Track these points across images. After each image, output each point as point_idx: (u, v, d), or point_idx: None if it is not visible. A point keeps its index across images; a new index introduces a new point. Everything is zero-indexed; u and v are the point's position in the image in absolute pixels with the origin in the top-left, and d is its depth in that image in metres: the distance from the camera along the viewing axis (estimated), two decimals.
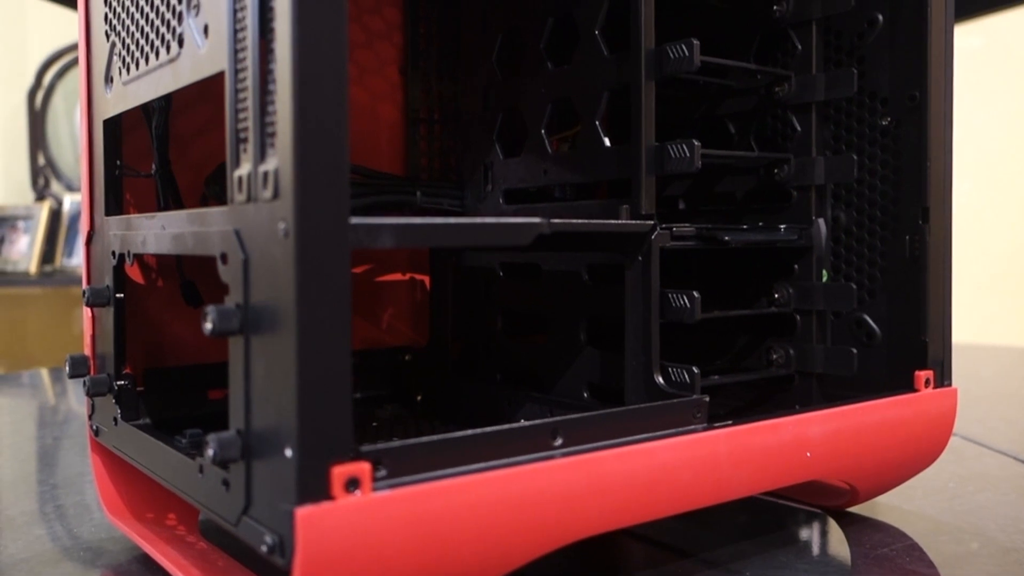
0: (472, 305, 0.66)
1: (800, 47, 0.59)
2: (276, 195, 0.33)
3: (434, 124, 0.69)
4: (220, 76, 0.38)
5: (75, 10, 0.58)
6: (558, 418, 0.41)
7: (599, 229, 0.47)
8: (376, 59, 0.68)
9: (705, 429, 0.45)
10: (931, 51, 0.55)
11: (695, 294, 0.49)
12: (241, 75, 0.36)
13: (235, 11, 0.36)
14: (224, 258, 0.37)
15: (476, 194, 0.64)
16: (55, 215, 2.35)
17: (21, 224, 2.30)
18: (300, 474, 0.33)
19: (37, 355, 2.40)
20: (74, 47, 2.31)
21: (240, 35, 0.36)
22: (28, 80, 2.46)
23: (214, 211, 0.39)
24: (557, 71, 0.57)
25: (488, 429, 0.39)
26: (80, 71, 0.55)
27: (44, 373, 1.27)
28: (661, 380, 0.49)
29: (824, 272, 0.60)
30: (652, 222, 0.49)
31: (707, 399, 0.47)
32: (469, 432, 0.38)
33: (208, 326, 0.35)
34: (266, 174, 0.34)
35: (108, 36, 0.51)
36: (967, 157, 1.79)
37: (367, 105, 0.67)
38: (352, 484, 0.34)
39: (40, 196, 2.43)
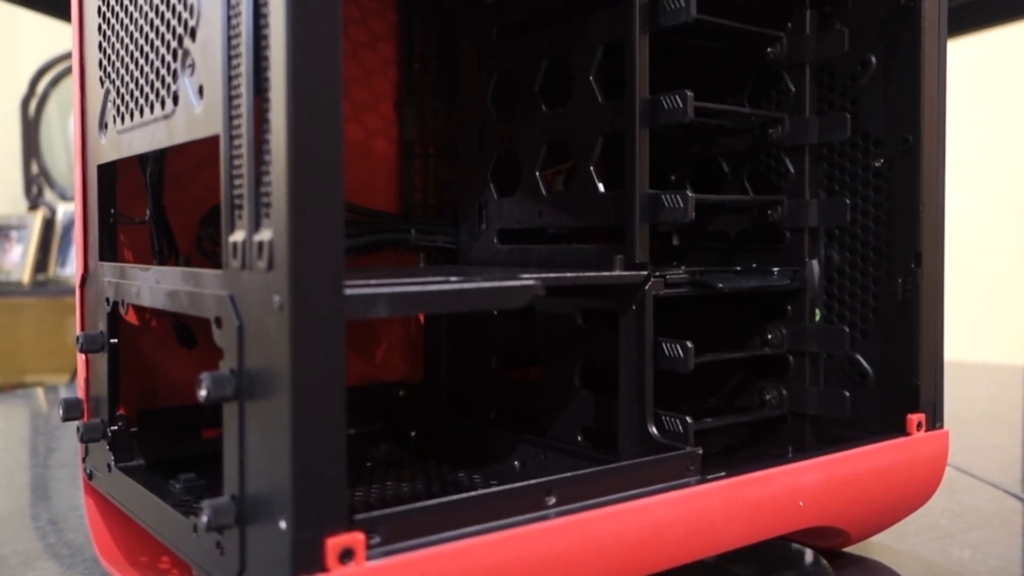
0: (467, 341, 0.66)
1: (794, 89, 0.59)
2: (271, 266, 0.33)
3: (429, 159, 0.69)
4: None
5: (69, 22, 0.57)
6: (551, 478, 0.41)
7: (593, 282, 0.47)
8: (371, 95, 0.68)
9: (699, 482, 0.45)
10: (924, 95, 0.55)
11: (688, 344, 0.49)
12: (236, 141, 0.36)
13: (231, 76, 0.36)
14: (219, 322, 0.37)
15: (471, 231, 0.64)
16: (48, 224, 2.34)
17: (14, 234, 2.30)
18: (294, 547, 0.33)
19: (31, 364, 2.39)
20: (68, 56, 2.30)
21: (235, 101, 0.36)
22: (22, 88, 2.45)
23: (208, 273, 0.39)
24: (552, 114, 0.57)
25: (481, 491, 0.39)
26: (74, 111, 0.55)
27: (39, 393, 1.27)
28: (655, 430, 0.49)
29: (817, 311, 0.61)
30: (646, 272, 0.49)
31: (700, 451, 0.47)
32: (462, 496, 0.38)
33: (203, 393, 0.36)
34: (261, 244, 0.34)
35: (102, 82, 0.51)
36: (962, 169, 1.79)
37: (362, 141, 0.67)
38: (346, 555, 0.34)
39: (33, 205, 2.42)
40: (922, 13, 0.56)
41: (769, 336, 0.60)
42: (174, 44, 0.41)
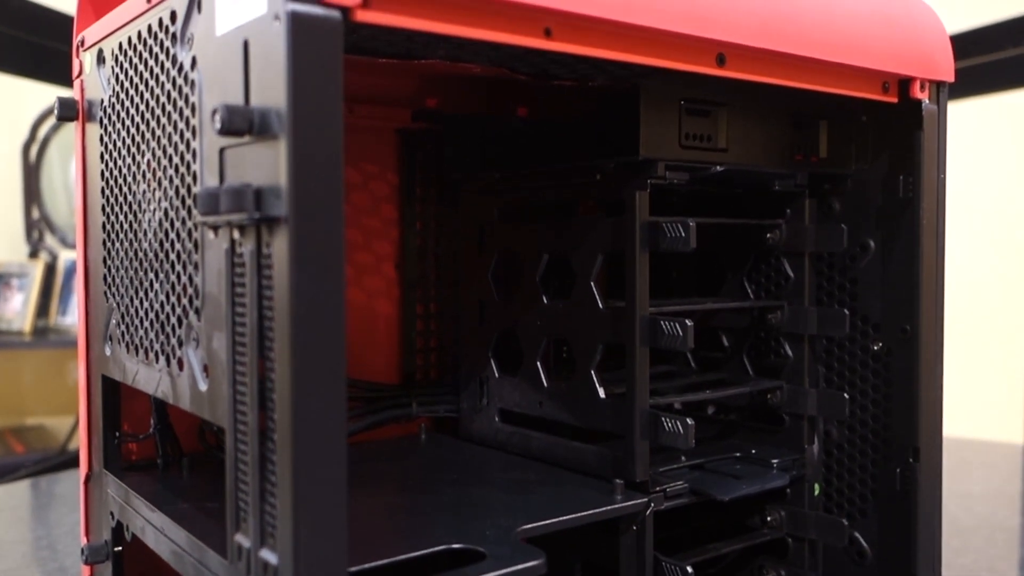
0: None
1: (793, 275, 0.60)
2: None
3: (430, 319, 0.70)
4: None
5: (70, 87, 0.57)
6: None
7: (595, 519, 0.47)
8: (373, 257, 0.68)
9: None
10: (922, 287, 0.56)
11: (689, 569, 0.50)
12: (242, 445, 0.37)
13: (235, 374, 0.37)
14: None
15: (472, 405, 0.64)
16: (50, 270, 2.35)
17: (15, 282, 2.30)
18: None
19: (32, 406, 2.40)
20: None
21: (241, 405, 0.36)
22: (23, 133, 2.46)
23: (214, 558, 0.39)
24: (553, 307, 0.58)
25: None
26: (78, 312, 0.55)
27: (43, 485, 1.27)
28: None
29: (816, 485, 0.61)
30: (646, 499, 0.50)
31: None
32: None
33: None
34: (266, 566, 0.34)
35: (107, 297, 0.52)
36: (961, 225, 1.79)
37: (364, 304, 0.68)
38: None
39: (34, 251, 2.43)
40: (920, 206, 0.56)
41: (768, 518, 0.60)
42: (179, 310, 0.42)
